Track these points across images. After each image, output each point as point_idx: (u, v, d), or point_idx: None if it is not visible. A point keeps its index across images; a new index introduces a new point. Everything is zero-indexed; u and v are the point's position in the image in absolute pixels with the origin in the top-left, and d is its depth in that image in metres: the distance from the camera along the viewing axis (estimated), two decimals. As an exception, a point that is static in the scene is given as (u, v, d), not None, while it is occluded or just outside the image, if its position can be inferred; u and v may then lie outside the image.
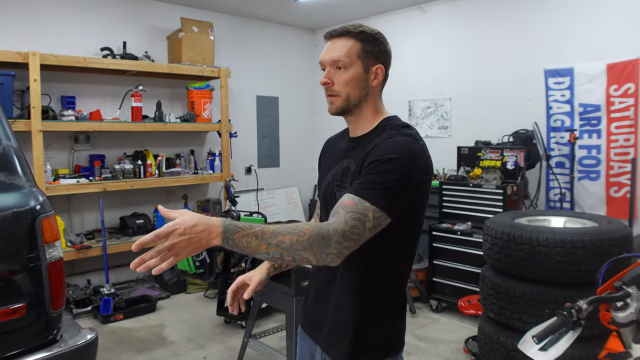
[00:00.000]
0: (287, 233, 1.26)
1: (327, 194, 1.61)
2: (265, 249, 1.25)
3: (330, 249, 1.28)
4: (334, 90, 1.52)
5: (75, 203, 5.19)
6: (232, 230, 1.24)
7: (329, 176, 1.62)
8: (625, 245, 2.86)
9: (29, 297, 2.10)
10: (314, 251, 1.27)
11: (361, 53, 1.50)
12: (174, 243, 1.19)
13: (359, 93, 1.52)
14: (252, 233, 1.25)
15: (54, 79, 4.90)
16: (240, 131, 6.25)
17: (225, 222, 1.25)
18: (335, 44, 1.51)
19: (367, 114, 1.57)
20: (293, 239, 1.26)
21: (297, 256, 1.28)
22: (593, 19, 4.60)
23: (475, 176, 4.71)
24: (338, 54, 1.49)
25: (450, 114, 5.81)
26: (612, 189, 4.49)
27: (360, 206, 1.33)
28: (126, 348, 4.06)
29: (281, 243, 1.26)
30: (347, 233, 1.30)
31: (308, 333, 1.68)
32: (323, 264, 1.31)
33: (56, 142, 5.04)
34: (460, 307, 4.27)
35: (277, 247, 1.26)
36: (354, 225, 1.31)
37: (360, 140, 1.57)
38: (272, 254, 1.26)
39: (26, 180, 2.16)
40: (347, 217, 1.31)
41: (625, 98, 4.36)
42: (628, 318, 1.64)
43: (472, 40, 5.56)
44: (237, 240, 1.25)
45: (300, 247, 1.26)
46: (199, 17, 5.86)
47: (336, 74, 1.51)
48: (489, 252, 3.25)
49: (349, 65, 1.49)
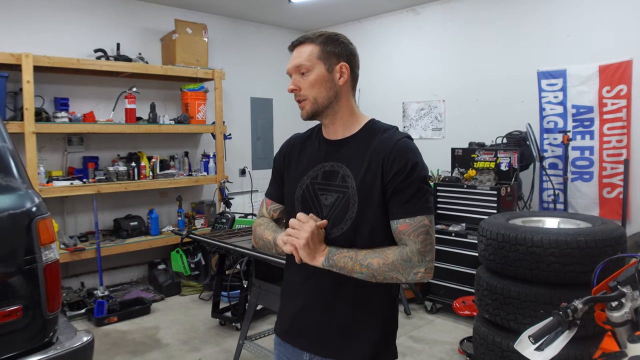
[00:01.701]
0: (374, 257, 1.44)
1: (307, 198, 1.60)
2: (359, 268, 1.44)
3: (417, 269, 1.44)
4: (302, 95, 1.56)
5: (68, 205, 5.16)
6: (334, 252, 1.47)
7: (306, 180, 1.61)
8: (619, 246, 2.88)
9: (25, 300, 2.09)
10: (401, 272, 1.44)
11: (321, 54, 1.54)
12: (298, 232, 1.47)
13: (327, 93, 1.55)
14: (348, 255, 1.46)
15: (47, 81, 4.88)
16: (234, 133, 6.25)
17: (330, 247, 1.49)
18: (298, 52, 1.57)
19: (343, 114, 1.59)
20: (380, 262, 1.43)
21: (387, 276, 1.45)
22: (585, 20, 4.63)
23: (470, 177, 4.73)
24: (299, 60, 1.55)
25: (444, 116, 5.83)
26: (605, 190, 4.53)
27: (415, 223, 1.45)
28: (120, 351, 4.04)
29: (371, 265, 1.44)
30: (421, 250, 1.44)
31: (291, 342, 1.65)
32: (414, 281, 1.50)
33: (49, 144, 5.01)
34: (455, 308, 4.29)
35: (368, 267, 1.44)
36: (423, 239, 1.45)
37: (344, 143, 1.59)
38: (365, 273, 1.45)
39: (22, 182, 2.15)
40: (412, 237, 1.45)
41: (617, 99, 4.40)
42: (623, 318, 1.65)
43: (466, 42, 5.59)
44: (336, 260, 1.46)
45: (387, 269, 1.43)
46: (192, 18, 5.86)
47: (301, 79, 1.56)
48: (483, 253, 3.26)
49: (311, 67, 1.54)
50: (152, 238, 5.37)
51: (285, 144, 1.78)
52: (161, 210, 5.78)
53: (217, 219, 5.17)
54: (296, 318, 1.63)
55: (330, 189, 1.55)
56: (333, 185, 1.55)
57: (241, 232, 4.04)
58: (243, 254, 3.68)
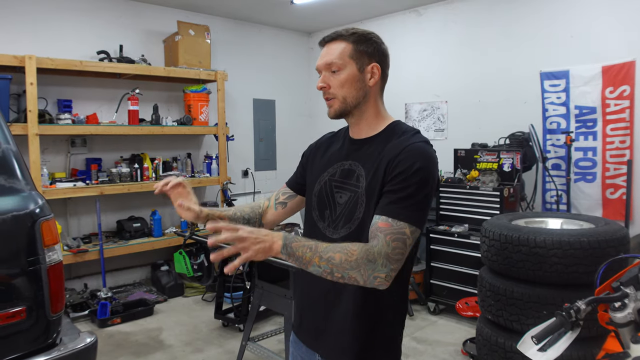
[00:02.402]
0: (337, 251, 1.33)
1: (323, 194, 1.61)
2: (318, 261, 1.33)
3: (378, 272, 1.33)
4: (331, 93, 1.54)
5: (71, 207, 5.18)
6: (291, 240, 1.34)
7: (325, 176, 1.62)
8: (622, 247, 2.87)
9: (29, 301, 2.10)
10: (362, 273, 1.33)
11: (354, 53, 1.51)
12: (243, 236, 1.28)
13: (356, 93, 1.53)
14: (308, 245, 1.34)
15: (50, 83, 4.90)
16: (237, 134, 6.25)
17: (285, 233, 1.36)
18: (329, 49, 1.54)
19: (368, 115, 1.57)
20: (342, 257, 1.32)
21: (346, 274, 1.33)
22: (588, 21, 4.63)
23: (472, 178, 4.73)
24: (331, 57, 1.52)
25: (447, 117, 5.83)
26: (608, 190, 4.52)
27: (396, 226, 1.36)
28: (124, 352, 4.05)
29: (332, 259, 1.33)
30: (390, 255, 1.34)
31: (304, 341, 1.66)
32: (370, 286, 1.35)
33: (52, 145, 5.03)
34: (458, 309, 4.28)
35: (327, 261, 1.33)
36: (396, 246, 1.35)
37: (365, 142, 1.57)
38: (323, 267, 1.34)
39: (25, 183, 2.16)
40: (387, 239, 1.35)
41: (620, 100, 4.39)
42: (626, 318, 1.65)
43: (468, 43, 5.59)
44: (294, 249, 1.34)
45: (348, 267, 1.32)
46: (195, 20, 5.87)
47: (331, 77, 1.53)
48: (486, 254, 3.26)
49: (343, 66, 1.51)
50: (155, 239, 5.38)
51: (316, 141, 1.81)
52: (164, 212, 5.78)
53: (220, 220, 5.17)
54: (304, 314, 1.67)
55: (345, 188, 1.55)
56: (348, 184, 1.54)
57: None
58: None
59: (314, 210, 1.63)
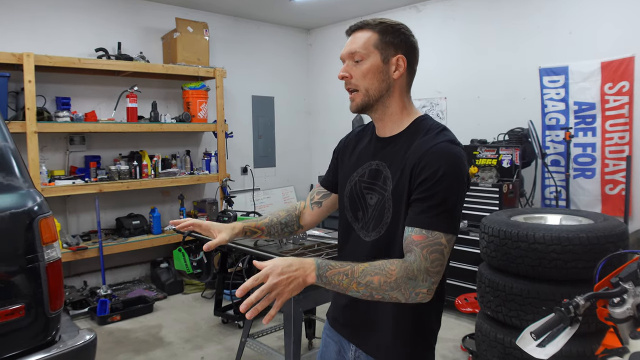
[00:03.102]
0: (375, 274, 1.28)
1: (354, 195, 1.57)
2: (356, 287, 1.28)
3: (419, 289, 1.29)
4: (352, 83, 1.47)
5: (70, 204, 5.17)
6: (325, 268, 1.28)
7: (355, 176, 1.57)
8: (621, 242, 2.87)
9: (28, 298, 2.09)
10: (402, 292, 1.29)
11: (379, 43, 1.44)
12: (274, 283, 1.22)
13: (379, 86, 1.46)
14: (343, 272, 1.29)
15: (48, 80, 4.89)
16: (236, 131, 6.25)
17: (318, 260, 1.29)
18: (354, 37, 1.48)
19: (393, 110, 1.50)
20: (381, 280, 1.28)
21: (387, 296, 1.30)
22: (587, 17, 4.62)
23: (472, 174, 4.72)
24: (355, 46, 1.46)
25: (446, 113, 5.83)
26: (607, 186, 4.52)
27: (431, 238, 1.31)
28: (124, 349, 4.05)
29: (370, 283, 1.28)
30: (430, 269, 1.30)
31: (339, 331, 1.66)
32: (413, 302, 1.32)
33: (51, 143, 5.02)
34: (457, 305, 4.29)
35: (366, 286, 1.28)
36: (434, 258, 1.31)
37: (391, 141, 1.51)
38: (362, 292, 1.29)
39: (24, 181, 2.16)
40: (424, 253, 1.30)
41: (619, 96, 4.39)
42: (625, 314, 1.65)
43: (467, 39, 5.58)
44: (330, 278, 1.28)
45: (388, 288, 1.28)
46: (193, 17, 5.86)
47: (354, 67, 1.47)
48: (485, 250, 3.26)
49: (366, 56, 1.44)
50: (154, 237, 5.37)
51: (343, 138, 1.75)
52: (163, 209, 5.79)
53: (219, 217, 5.17)
54: (346, 310, 1.63)
55: (375, 189, 1.50)
56: (377, 185, 1.49)
57: (243, 230, 4.04)
58: (245, 252, 3.68)
59: (347, 211, 1.60)
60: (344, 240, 1.62)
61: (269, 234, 1.75)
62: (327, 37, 7.23)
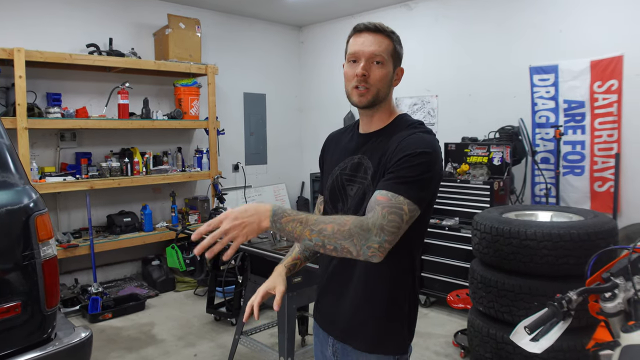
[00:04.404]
0: (329, 222, 1.31)
1: (335, 188, 1.65)
2: (309, 235, 1.31)
3: (371, 242, 1.30)
4: (369, 83, 1.53)
5: (61, 201, 5.14)
6: (280, 215, 1.31)
7: (336, 170, 1.66)
8: (611, 239, 2.92)
9: (24, 296, 2.09)
10: (355, 242, 1.30)
11: (394, 53, 1.57)
12: (227, 228, 1.28)
13: (386, 90, 1.57)
14: (298, 219, 1.31)
15: (39, 76, 4.85)
16: (227, 128, 6.24)
17: (275, 207, 1.32)
18: (374, 39, 1.54)
19: (384, 111, 1.61)
20: (335, 227, 1.30)
21: (338, 245, 1.31)
22: (577, 16, 4.67)
23: (463, 172, 4.76)
24: (379, 49, 1.53)
25: (437, 111, 5.86)
26: (596, 183, 4.58)
27: (394, 200, 1.36)
28: (116, 347, 4.04)
29: (323, 230, 1.30)
30: (385, 227, 1.32)
31: (319, 323, 1.76)
32: (364, 258, 1.32)
33: (42, 139, 4.98)
34: (449, 301, 4.33)
35: (319, 234, 1.30)
36: (392, 219, 1.33)
37: (373, 135, 1.61)
38: (314, 240, 1.31)
39: (19, 177, 2.15)
40: (383, 212, 1.34)
41: (608, 94, 4.44)
42: (616, 308, 1.69)
43: (458, 38, 5.62)
44: (284, 225, 1.31)
45: (340, 237, 1.30)
46: (185, 13, 5.83)
47: (373, 68, 1.53)
48: (478, 247, 3.29)
49: (386, 62, 1.54)
50: (146, 234, 5.35)
51: (325, 141, 1.84)
52: (154, 206, 5.76)
53: (212, 214, 5.17)
54: (320, 299, 1.74)
55: (355, 180, 1.59)
56: (357, 176, 1.59)
57: (236, 228, 4.04)
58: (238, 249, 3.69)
59: (328, 203, 1.68)
60: None
61: (306, 259, 1.83)
62: (319, 35, 7.23)
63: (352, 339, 1.61)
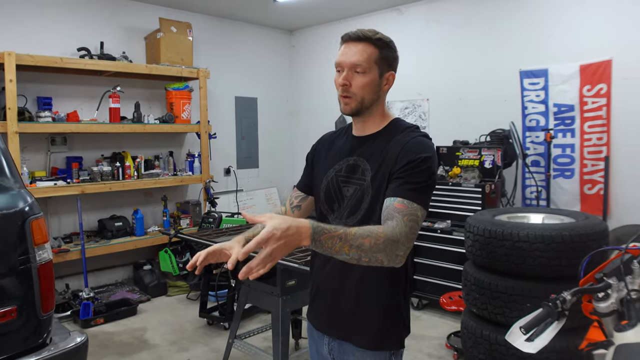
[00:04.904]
0: (366, 236, 1.34)
1: (330, 189, 1.70)
2: (347, 250, 1.33)
3: (399, 251, 1.39)
4: (351, 92, 1.60)
5: (52, 206, 5.10)
6: (320, 232, 1.31)
7: (332, 172, 1.71)
8: (602, 240, 2.95)
9: (20, 300, 2.07)
10: (387, 253, 1.37)
11: (378, 60, 1.60)
12: (273, 248, 1.23)
13: (372, 97, 1.62)
14: (337, 235, 1.32)
15: (30, 80, 4.82)
16: (219, 132, 6.23)
17: (314, 225, 1.31)
18: (356, 48, 1.59)
19: (375, 115, 1.67)
20: (372, 241, 1.34)
21: (373, 258, 1.36)
22: (567, 21, 4.74)
23: (454, 175, 4.80)
24: (359, 59, 1.57)
25: (428, 114, 5.90)
26: (585, 186, 4.63)
27: (411, 208, 1.45)
28: (108, 352, 4.01)
29: (362, 245, 1.33)
30: (408, 234, 1.41)
31: (313, 323, 1.80)
32: (391, 265, 1.40)
33: (32, 144, 4.95)
34: (442, 303, 4.35)
35: (357, 248, 1.33)
36: (412, 226, 1.43)
37: (369, 138, 1.67)
38: (352, 255, 1.34)
39: (14, 181, 2.13)
40: (405, 220, 1.42)
41: (597, 98, 4.51)
42: (609, 308, 1.71)
43: (449, 42, 5.66)
44: (323, 242, 1.31)
45: (376, 250, 1.35)
46: (177, 17, 5.83)
47: (355, 76, 1.59)
48: (471, 249, 3.32)
49: (368, 70, 1.58)
50: (137, 238, 5.33)
51: (317, 141, 1.89)
52: (146, 211, 5.74)
53: (204, 218, 5.16)
54: (315, 299, 1.77)
55: (351, 182, 1.64)
56: (354, 178, 1.64)
57: (229, 232, 4.03)
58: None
59: (322, 204, 1.73)
60: None
61: None
62: (310, 39, 7.26)
63: (353, 336, 1.65)
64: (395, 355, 1.66)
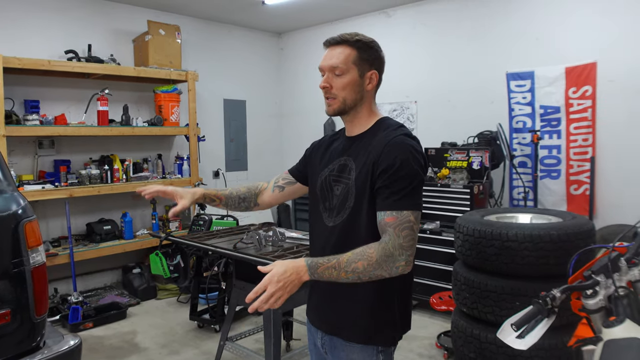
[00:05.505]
0: (358, 260, 1.49)
1: (324, 187, 1.77)
2: (345, 275, 1.50)
3: (398, 263, 1.51)
4: (332, 93, 1.67)
5: (39, 210, 5.04)
6: (315, 267, 1.49)
7: (326, 172, 1.78)
8: (589, 239, 3.01)
9: (13, 303, 2.06)
10: (385, 268, 1.50)
11: (357, 60, 1.66)
12: (273, 291, 1.44)
13: (355, 96, 1.68)
14: (331, 266, 1.49)
15: (17, 83, 4.77)
16: (208, 135, 6.22)
17: (308, 261, 1.50)
18: (334, 51, 1.67)
19: (362, 114, 1.73)
20: (364, 264, 1.49)
21: (372, 275, 1.51)
22: (553, 24, 4.82)
23: (443, 176, 4.85)
24: (336, 61, 1.65)
25: (416, 117, 5.95)
26: (572, 187, 4.71)
27: (401, 217, 1.52)
28: (98, 356, 3.99)
29: (356, 269, 1.49)
30: (403, 244, 1.51)
31: (309, 318, 1.85)
32: (396, 274, 1.53)
33: (19, 147, 4.90)
34: (432, 303, 4.39)
35: (353, 272, 1.49)
36: (406, 234, 1.52)
37: (357, 139, 1.73)
38: (351, 278, 1.50)
39: (7, 184, 2.12)
40: (397, 231, 1.51)
41: (583, 100, 4.59)
42: (598, 304, 1.75)
43: (437, 44, 5.72)
44: (321, 274, 1.49)
45: (371, 269, 1.49)
46: (165, 20, 5.81)
47: (334, 79, 1.66)
48: (460, 249, 3.36)
49: (346, 71, 1.65)
50: (126, 242, 5.30)
51: (316, 141, 1.96)
52: (135, 214, 5.71)
53: (195, 221, 5.15)
54: (312, 294, 1.83)
55: (340, 181, 1.71)
56: (343, 177, 1.71)
57: (220, 234, 4.03)
58: (223, 255, 3.68)
59: (318, 202, 1.78)
60: (313, 227, 1.84)
61: (226, 204, 1.95)
62: (298, 42, 7.28)
63: (342, 331, 1.70)
64: (384, 352, 1.69)
